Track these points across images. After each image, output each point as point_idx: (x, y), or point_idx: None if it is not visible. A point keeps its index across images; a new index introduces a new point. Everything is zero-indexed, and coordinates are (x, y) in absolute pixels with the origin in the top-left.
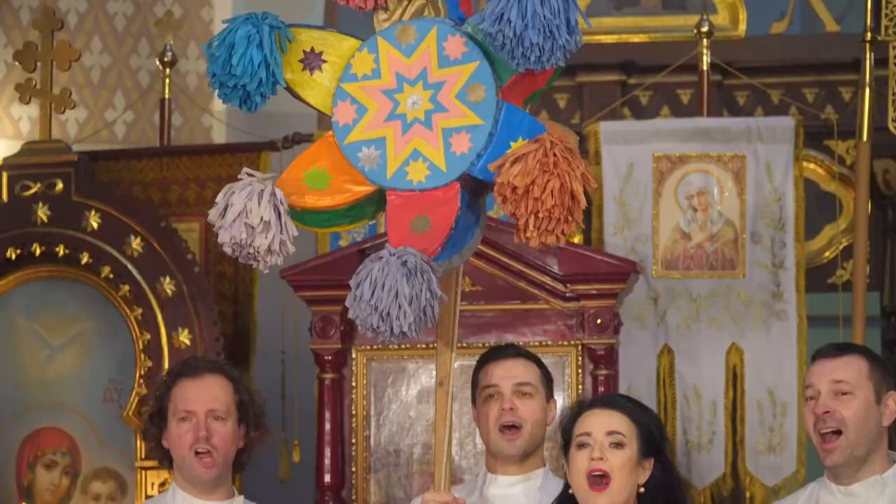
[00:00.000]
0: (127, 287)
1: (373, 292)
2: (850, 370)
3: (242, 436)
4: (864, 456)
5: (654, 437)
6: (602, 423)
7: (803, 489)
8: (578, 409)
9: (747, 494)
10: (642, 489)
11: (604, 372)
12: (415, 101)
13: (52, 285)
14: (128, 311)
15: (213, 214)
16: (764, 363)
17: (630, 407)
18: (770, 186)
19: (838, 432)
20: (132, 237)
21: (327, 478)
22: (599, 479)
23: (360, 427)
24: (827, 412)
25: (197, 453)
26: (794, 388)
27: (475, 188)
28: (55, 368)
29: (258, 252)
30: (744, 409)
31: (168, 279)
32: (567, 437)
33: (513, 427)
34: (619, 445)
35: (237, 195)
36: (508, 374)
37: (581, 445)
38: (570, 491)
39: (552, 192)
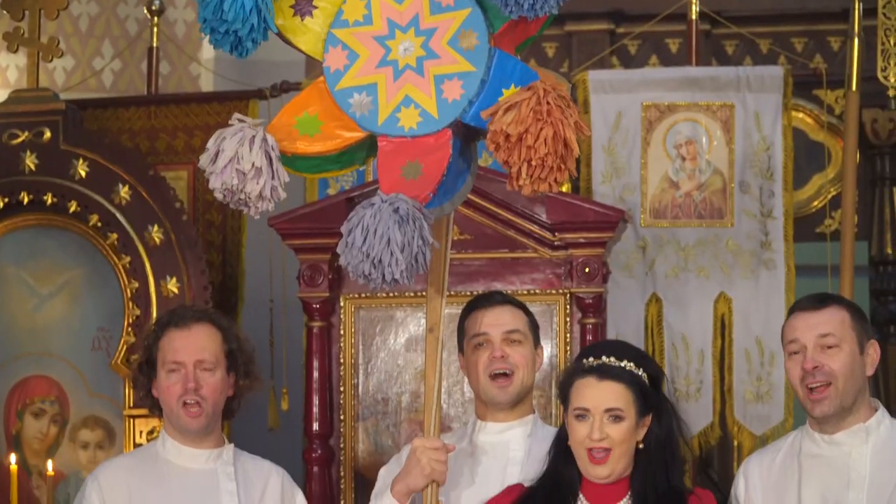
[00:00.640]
0: (115, 235)
1: (364, 239)
2: (835, 322)
3: (231, 384)
4: (851, 406)
5: (649, 394)
6: (599, 399)
7: (784, 438)
8: (574, 372)
9: (735, 443)
10: (641, 445)
11: (592, 320)
12: (406, 48)
13: (39, 234)
14: (116, 260)
15: (204, 160)
16: (752, 312)
17: (624, 371)
18: (759, 136)
19: (827, 384)
20: (120, 185)
21: (315, 426)
22: (599, 453)
23: (348, 375)
24: (816, 367)
25: (185, 404)
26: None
27: (467, 135)
28: (43, 317)
29: (249, 198)
30: (731, 358)
31: (156, 227)
32: (564, 395)
33: (504, 375)
34: (617, 419)
35: (228, 141)
36: (497, 321)
37: (579, 417)
38: (569, 444)
39: (545, 140)
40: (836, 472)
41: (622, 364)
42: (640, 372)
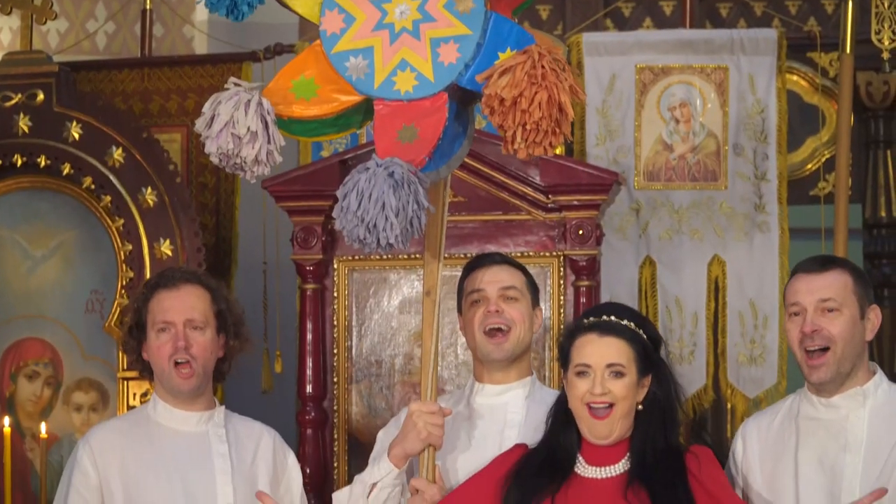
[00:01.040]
0: (108, 198)
1: (359, 203)
2: (837, 286)
3: (222, 345)
4: (849, 371)
5: (650, 353)
6: (601, 355)
7: (783, 401)
8: (575, 330)
9: (728, 406)
10: (640, 406)
11: (585, 283)
12: (402, 11)
13: (33, 196)
14: (109, 222)
15: (199, 124)
16: (745, 275)
17: (626, 328)
18: (753, 98)
19: (825, 349)
20: (114, 148)
21: (309, 388)
22: (600, 410)
23: (342, 338)
24: (815, 330)
25: (176, 364)
26: (775, 300)
27: (463, 98)
28: (37, 280)
29: (245, 162)
30: (725, 321)
31: (150, 190)
32: (564, 355)
33: (499, 330)
34: (619, 374)
35: (224, 105)
36: (494, 278)
37: (580, 373)
38: (570, 406)
39: (540, 104)
40: (833, 436)
41: (623, 322)
42: (641, 332)
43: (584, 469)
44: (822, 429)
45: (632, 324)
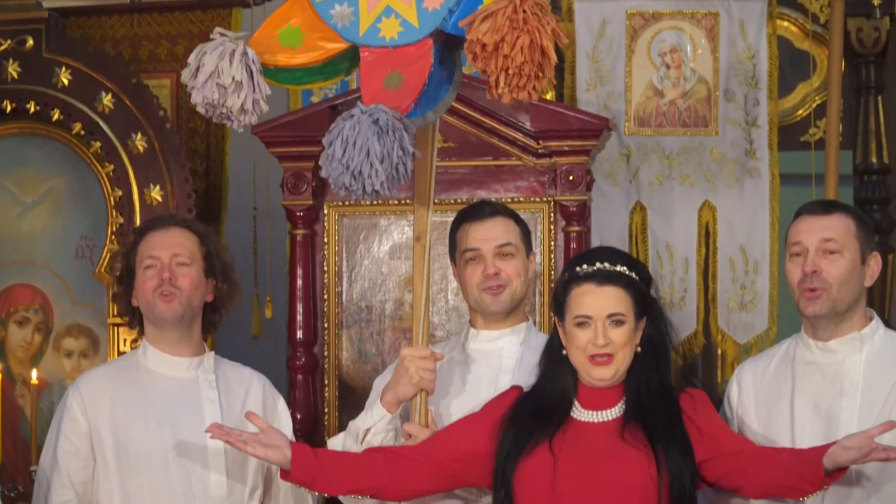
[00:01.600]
0: (98, 143)
1: (344, 151)
2: (839, 229)
3: (211, 289)
4: (845, 312)
5: (645, 297)
6: (601, 306)
7: (779, 345)
8: (570, 279)
9: (719, 351)
10: (639, 349)
11: (576, 228)
12: None
13: (23, 142)
14: (99, 168)
15: (185, 75)
16: (736, 221)
17: (622, 275)
18: (743, 44)
19: (823, 289)
20: (103, 93)
21: (299, 334)
22: (602, 356)
23: (332, 283)
24: (815, 271)
25: (162, 295)
26: (766, 246)
27: (448, 44)
28: (27, 226)
29: (231, 111)
30: (716, 267)
31: (139, 136)
32: (560, 304)
33: (497, 286)
34: (619, 323)
35: (209, 56)
36: (488, 236)
37: (581, 324)
38: (565, 353)
39: (521, 48)
40: (829, 380)
41: (617, 268)
42: (634, 275)
43: (580, 413)
44: (818, 373)
45: (625, 268)
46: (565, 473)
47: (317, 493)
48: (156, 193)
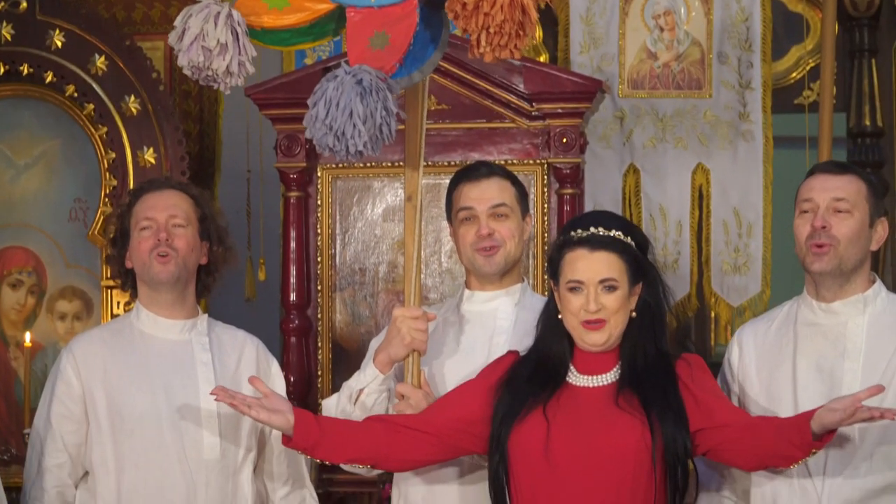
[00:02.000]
0: (91, 106)
1: (327, 111)
2: (851, 189)
3: (205, 252)
4: (849, 273)
5: (640, 261)
6: (594, 271)
7: (780, 306)
8: (564, 244)
9: (712, 314)
10: (634, 314)
11: (569, 191)
12: None
13: (16, 105)
14: (92, 130)
15: (172, 38)
16: (730, 183)
17: (615, 240)
18: (737, 6)
19: (830, 245)
20: (96, 56)
21: (293, 296)
22: (594, 322)
23: (326, 245)
24: (824, 227)
25: (157, 256)
26: (759, 209)
27: (433, 3)
28: (20, 188)
29: (217, 74)
30: (709, 229)
31: (133, 98)
32: (555, 269)
33: (491, 248)
34: (611, 289)
35: (194, 18)
36: (483, 196)
37: (573, 289)
38: (560, 317)
39: (502, 6)
40: (831, 342)
41: (611, 233)
42: (629, 240)
43: (575, 378)
44: (820, 335)
45: (620, 233)
46: (559, 438)
47: (311, 458)
48: (149, 156)
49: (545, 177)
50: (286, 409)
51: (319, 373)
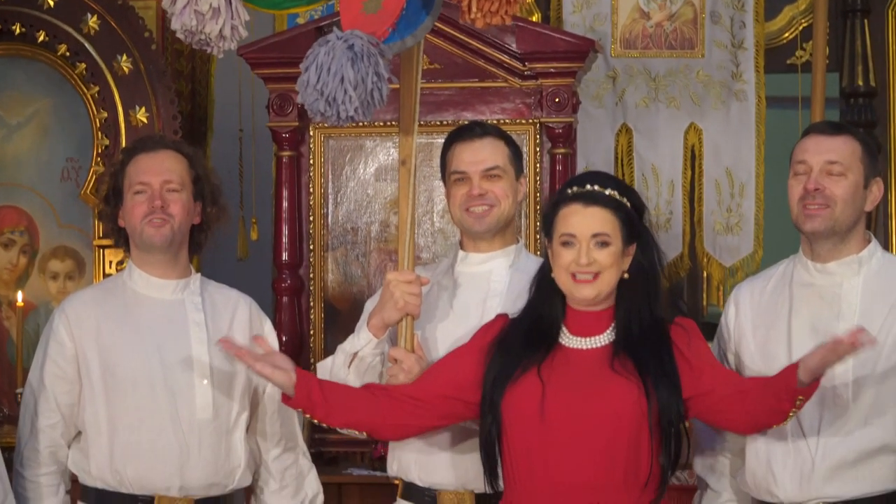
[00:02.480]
0: (83, 65)
1: (319, 77)
2: (845, 150)
3: (199, 212)
4: (844, 234)
5: (634, 222)
6: (586, 225)
7: (776, 266)
8: (559, 200)
9: (704, 274)
10: (626, 275)
11: (562, 150)
12: None
13: (8, 64)
14: (84, 90)
15: (165, 1)
16: (722, 143)
17: (610, 197)
18: None
19: (825, 206)
20: (89, 15)
21: (284, 256)
22: (586, 275)
23: (318, 205)
24: (818, 189)
25: (151, 222)
26: (752, 169)
27: None
28: (12, 148)
29: (209, 38)
30: (702, 189)
31: (125, 57)
32: (548, 224)
33: (482, 207)
34: (604, 244)
35: None
36: (476, 158)
37: (565, 244)
38: (553, 275)
39: None
40: (826, 303)
41: (606, 191)
42: (625, 200)
43: (568, 340)
44: (815, 296)
45: (615, 192)
46: (554, 400)
47: (304, 418)
48: (141, 115)
49: (537, 136)
50: (289, 368)
51: (311, 332)
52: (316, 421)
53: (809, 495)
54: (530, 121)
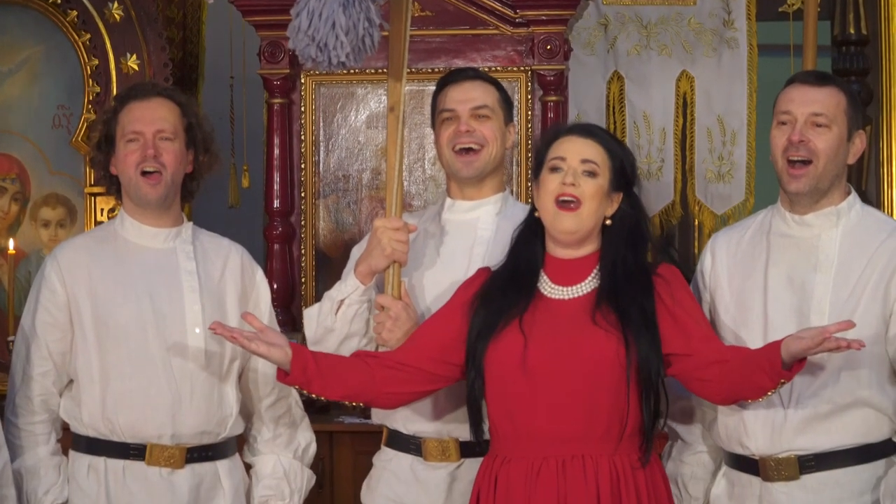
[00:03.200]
0: (75, 12)
1: (310, 22)
2: (830, 103)
3: (191, 160)
4: (826, 189)
5: (626, 171)
6: (577, 150)
7: (754, 216)
8: (554, 134)
9: (696, 222)
10: (609, 221)
11: (553, 98)
12: None
13: None
14: (75, 37)
15: None
16: (714, 91)
17: (607, 138)
18: None
19: (807, 162)
20: None
21: (276, 203)
22: (568, 203)
23: (309, 152)
24: (802, 141)
25: (144, 173)
26: (743, 117)
27: None
28: (3, 95)
29: None
30: (693, 137)
31: (115, 4)
32: (540, 159)
33: (470, 149)
34: (591, 174)
35: None
36: (465, 97)
37: (554, 169)
38: (537, 214)
39: None
40: (804, 254)
41: (603, 132)
42: (619, 149)
43: (550, 290)
44: (793, 247)
45: (614, 141)
46: (536, 353)
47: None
48: (132, 62)
49: (529, 84)
50: (283, 343)
51: (303, 280)
52: (314, 395)
53: (781, 447)
54: (522, 68)
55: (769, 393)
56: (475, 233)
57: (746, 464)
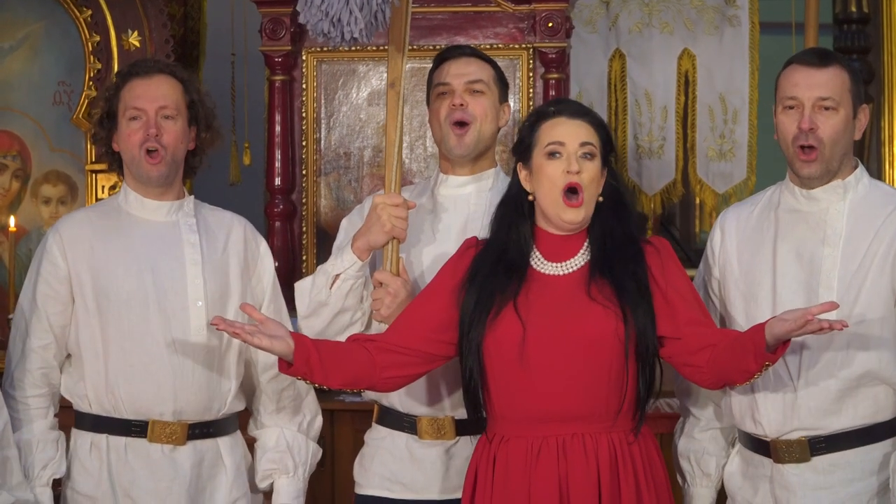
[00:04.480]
0: None
1: None
2: (836, 84)
3: (193, 137)
4: (836, 169)
5: (610, 145)
6: (575, 134)
7: (763, 192)
8: (540, 115)
9: (697, 201)
10: (601, 198)
11: (555, 75)
12: None
13: None
14: (77, 13)
15: None
16: (716, 69)
17: (592, 114)
18: None
19: (817, 147)
20: None
21: (277, 180)
22: (575, 195)
23: (311, 129)
24: (812, 128)
25: (147, 151)
26: (745, 95)
27: None
28: (4, 71)
29: None
30: (695, 115)
31: None
32: (528, 141)
33: (463, 124)
34: (590, 156)
35: None
36: (460, 71)
37: (552, 154)
38: (531, 198)
39: None
40: (812, 228)
41: (589, 112)
42: (599, 119)
43: (542, 265)
44: (801, 221)
45: (594, 114)
46: (533, 333)
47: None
48: (133, 39)
49: (530, 61)
50: (285, 335)
51: (304, 257)
52: (316, 385)
53: (792, 426)
54: (523, 46)
55: (755, 376)
56: (468, 208)
57: (759, 445)
